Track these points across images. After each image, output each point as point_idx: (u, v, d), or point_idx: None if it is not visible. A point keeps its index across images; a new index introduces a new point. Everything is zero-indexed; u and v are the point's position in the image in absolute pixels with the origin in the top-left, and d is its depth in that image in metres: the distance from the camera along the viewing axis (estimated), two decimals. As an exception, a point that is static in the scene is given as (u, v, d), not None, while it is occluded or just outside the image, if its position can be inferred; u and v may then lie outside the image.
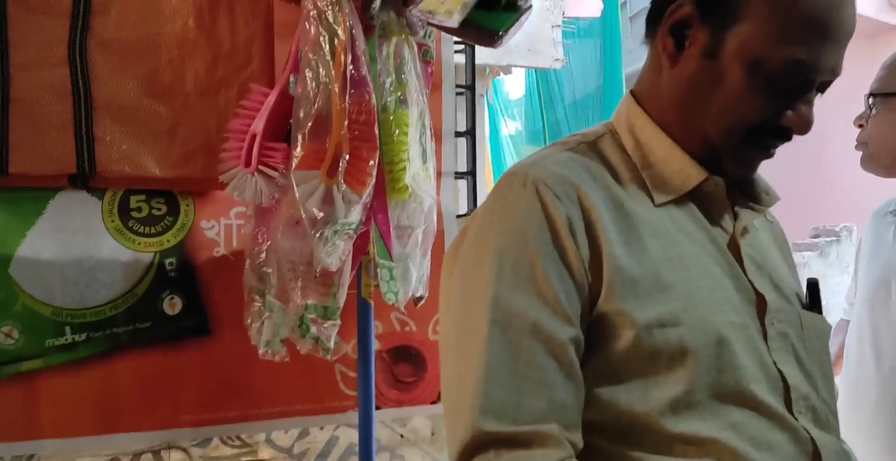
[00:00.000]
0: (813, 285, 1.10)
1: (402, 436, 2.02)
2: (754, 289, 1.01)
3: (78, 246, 1.66)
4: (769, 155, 1.02)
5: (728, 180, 1.05)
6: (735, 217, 1.06)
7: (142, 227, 1.71)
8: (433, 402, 1.97)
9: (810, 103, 0.99)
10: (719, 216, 1.05)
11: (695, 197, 1.04)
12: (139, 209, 1.71)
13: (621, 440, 0.92)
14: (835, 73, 0.98)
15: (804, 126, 0.98)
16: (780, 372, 0.98)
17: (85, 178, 1.63)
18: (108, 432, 1.68)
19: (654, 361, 0.92)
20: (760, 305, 1.01)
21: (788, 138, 1.00)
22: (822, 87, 1.00)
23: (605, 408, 0.92)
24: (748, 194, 1.10)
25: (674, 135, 1.04)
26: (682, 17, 1.00)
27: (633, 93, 1.10)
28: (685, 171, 1.02)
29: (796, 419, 0.97)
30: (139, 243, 1.71)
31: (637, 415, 0.91)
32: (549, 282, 0.91)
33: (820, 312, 1.09)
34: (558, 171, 0.97)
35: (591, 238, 0.94)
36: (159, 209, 1.72)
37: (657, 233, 0.98)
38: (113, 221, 1.69)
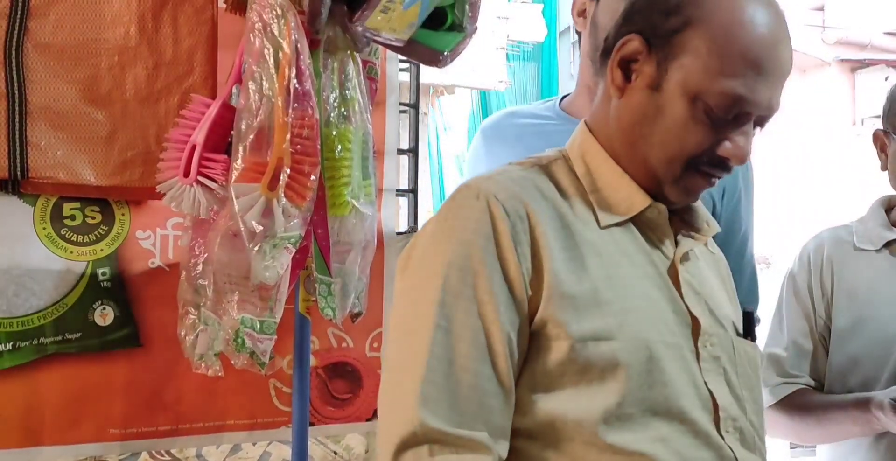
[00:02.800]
0: (748, 315, 1.16)
1: (335, 453, 2.01)
2: (690, 312, 1.07)
3: (7, 253, 1.62)
4: (710, 184, 1.08)
5: (671, 208, 1.11)
6: (676, 244, 1.12)
7: (75, 236, 1.67)
8: (368, 420, 1.95)
9: (747, 135, 1.05)
10: (661, 242, 1.10)
11: (638, 222, 1.09)
12: (73, 217, 1.67)
13: (554, 448, 0.97)
14: (772, 108, 1.05)
15: (741, 157, 1.04)
16: (711, 392, 1.03)
17: (17, 183, 1.59)
18: (30, 445, 1.63)
19: (586, 373, 0.97)
20: (695, 328, 1.06)
21: (727, 169, 1.06)
22: (761, 122, 1.07)
23: (539, 417, 0.98)
24: (690, 223, 1.16)
25: (621, 163, 1.10)
26: (629, 52, 1.06)
27: (586, 122, 1.16)
28: (631, 197, 1.08)
29: (723, 438, 1.01)
30: (71, 252, 1.67)
31: (570, 425, 0.97)
32: (490, 293, 0.97)
33: (754, 340, 1.16)
34: (510, 186, 1.04)
35: (535, 253, 1.00)
36: (94, 217, 1.69)
37: (599, 253, 1.04)
38: (45, 229, 1.65)
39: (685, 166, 1.05)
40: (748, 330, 1.15)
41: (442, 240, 1.02)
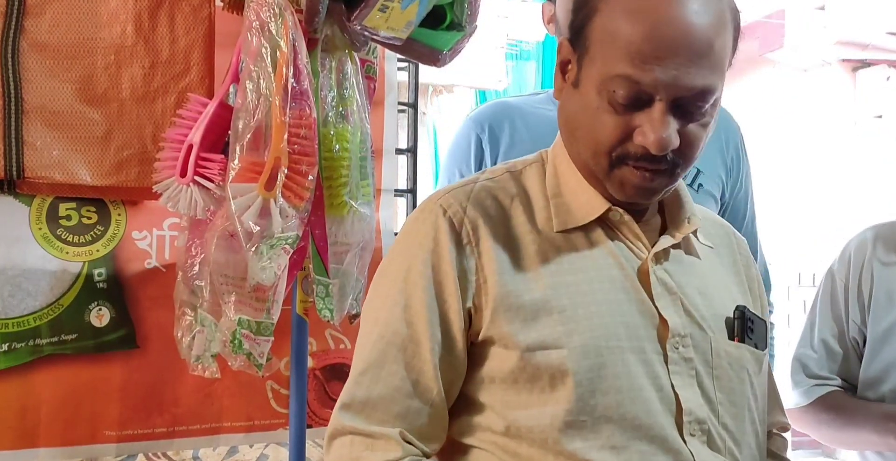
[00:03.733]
0: (740, 313, 1.13)
1: (332, 454, 1.99)
2: (659, 313, 1.06)
3: (2, 253, 1.61)
4: (644, 178, 1.04)
5: (637, 208, 1.11)
6: (656, 243, 1.11)
7: (71, 236, 1.66)
8: (366, 421, 1.94)
9: (660, 122, 1.00)
10: (632, 243, 1.10)
11: (604, 224, 1.10)
12: (69, 217, 1.66)
13: (512, 455, 1.01)
14: (679, 88, 0.99)
15: (654, 144, 1.00)
16: (677, 395, 1.03)
17: (12, 183, 1.58)
18: (26, 447, 1.62)
19: (537, 381, 1.01)
20: (664, 330, 1.05)
21: (653, 159, 1.02)
22: (684, 107, 1.01)
23: (493, 423, 1.03)
24: (673, 221, 1.14)
25: (576, 165, 1.11)
26: (562, 56, 1.09)
27: (559, 121, 1.16)
28: (590, 202, 1.09)
29: (685, 441, 1.01)
30: (67, 252, 1.66)
31: (524, 432, 1.01)
32: (424, 305, 1.04)
33: (743, 340, 1.12)
34: (463, 200, 1.08)
35: (480, 266, 1.04)
36: (90, 218, 1.68)
37: (552, 260, 1.06)
38: (41, 229, 1.64)
39: (610, 161, 1.04)
40: (741, 330, 1.13)
41: (394, 253, 1.11)
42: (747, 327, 1.13)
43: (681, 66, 0.98)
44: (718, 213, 1.64)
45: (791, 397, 1.70)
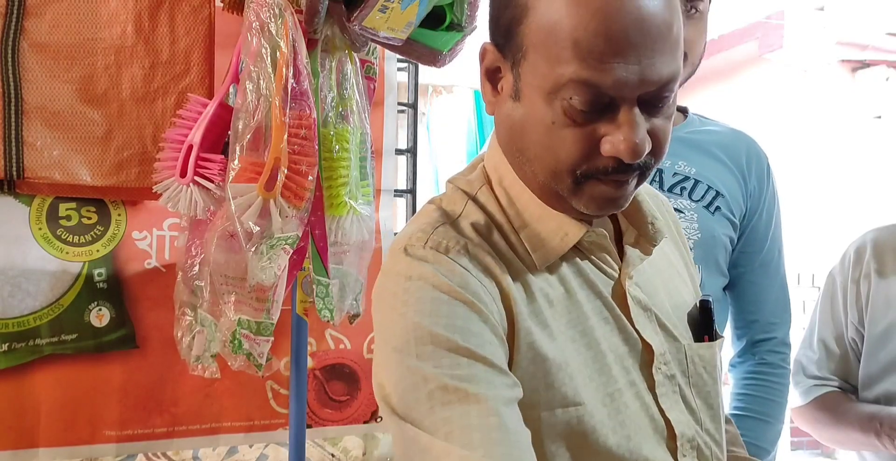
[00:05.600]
0: (705, 308, 1.08)
1: (333, 455, 2.00)
2: (641, 338, 0.99)
3: (2, 254, 1.61)
4: (620, 187, 0.91)
5: (606, 218, 1.01)
6: (623, 258, 1.02)
7: (71, 236, 1.67)
8: (366, 422, 1.95)
9: (630, 124, 0.86)
10: (605, 262, 1.00)
11: (578, 246, 0.98)
12: (69, 217, 1.66)
13: None
14: (646, 83, 0.85)
15: (627, 153, 0.86)
16: (668, 420, 0.98)
17: (12, 183, 1.58)
18: (25, 447, 1.62)
19: (568, 438, 0.91)
20: (648, 355, 0.99)
21: (625, 169, 0.89)
22: (652, 103, 0.87)
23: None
24: (635, 223, 1.04)
25: (531, 187, 0.97)
26: (488, 63, 0.94)
27: (497, 137, 1.01)
28: (563, 228, 0.96)
29: None
30: (67, 252, 1.66)
31: None
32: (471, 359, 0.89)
33: (709, 332, 1.07)
34: (457, 242, 0.93)
35: (508, 310, 0.92)
36: (90, 218, 1.68)
37: (552, 301, 0.95)
38: (41, 229, 1.64)
39: (575, 178, 0.90)
40: (706, 322, 1.07)
41: (398, 308, 0.91)
42: (711, 320, 1.07)
43: (643, 58, 0.83)
44: (735, 238, 1.62)
45: (792, 396, 1.72)
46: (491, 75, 0.95)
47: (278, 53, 1.37)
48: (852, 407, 1.63)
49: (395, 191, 2.05)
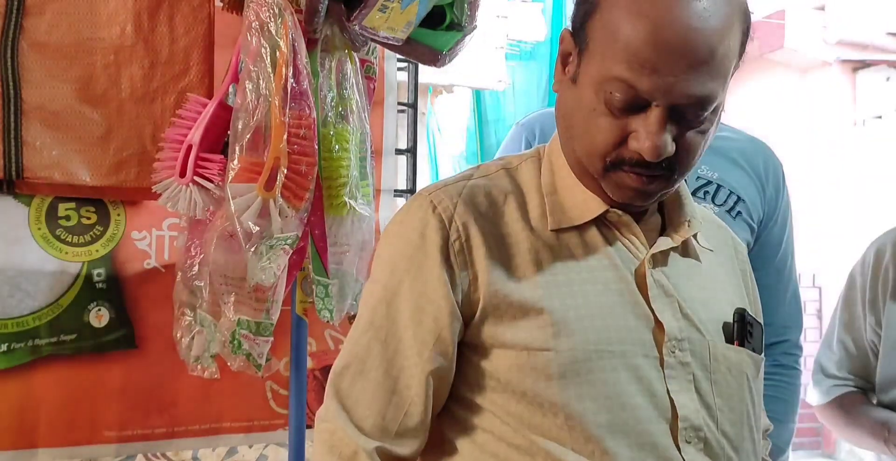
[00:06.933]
0: (740, 317, 1.11)
1: (332, 455, 1.99)
2: (655, 317, 1.03)
3: (1, 254, 1.61)
4: (642, 182, 1.01)
5: (637, 209, 1.08)
6: (653, 244, 1.08)
7: (70, 236, 1.66)
8: (365, 421, 1.94)
9: (656, 129, 0.96)
10: (630, 243, 1.07)
11: (601, 224, 1.07)
12: (68, 217, 1.66)
13: (491, 455, 1.00)
14: (676, 96, 0.95)
15: (648, 151, 0.97)
16: (672, 400, 1.00)
17: (11, 183, 1.58)
18: (25, 447, 1.62)
19: (530, 379, 0.99)
20: (660, 334, 1.02)
21: (647, 165, 0.99)
22: (682, 115, 0.97)
23: (489, 411, 1.01)
24: (672, 222, 1.11)
25: (572, 163, 1.08)
26: (563, 48, 1.06)
27: (555, 114, 1.13)
28: (587, 202, 1.06)
29: (679, 448, 0.99)
30: (67, 252, 1.66)
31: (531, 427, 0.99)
32: (406, 300, 1.02)
33: (742, 345, 1.10)
34: (455, 197, 1.05)
35: (470, 263, 1.02)
36: (89, 218, 1.68)
37: (544, 260, 1.03)
38: (40, 229, 1.64)
39: (605, 164, 1.01)
40: (740, 334, 1.10)
41: (384, 247, 1.09)
42: (747, 331, 1.10)
43: (679, 74, 0.94)
44: (752, 243, 1.64)
45: (811, 395, 1.74)
46: (563, 58, 1.06)
47: (278, 53, 1.37)
48: (866, 410, 1.64)
49: (395, 191, 2.05)
